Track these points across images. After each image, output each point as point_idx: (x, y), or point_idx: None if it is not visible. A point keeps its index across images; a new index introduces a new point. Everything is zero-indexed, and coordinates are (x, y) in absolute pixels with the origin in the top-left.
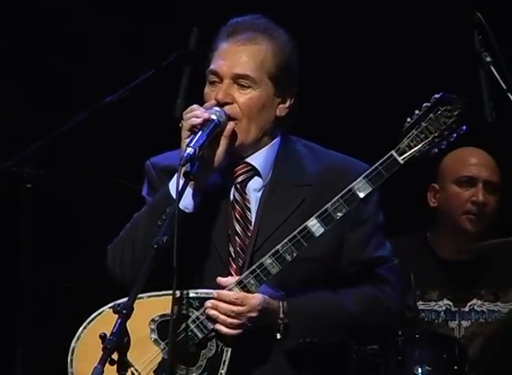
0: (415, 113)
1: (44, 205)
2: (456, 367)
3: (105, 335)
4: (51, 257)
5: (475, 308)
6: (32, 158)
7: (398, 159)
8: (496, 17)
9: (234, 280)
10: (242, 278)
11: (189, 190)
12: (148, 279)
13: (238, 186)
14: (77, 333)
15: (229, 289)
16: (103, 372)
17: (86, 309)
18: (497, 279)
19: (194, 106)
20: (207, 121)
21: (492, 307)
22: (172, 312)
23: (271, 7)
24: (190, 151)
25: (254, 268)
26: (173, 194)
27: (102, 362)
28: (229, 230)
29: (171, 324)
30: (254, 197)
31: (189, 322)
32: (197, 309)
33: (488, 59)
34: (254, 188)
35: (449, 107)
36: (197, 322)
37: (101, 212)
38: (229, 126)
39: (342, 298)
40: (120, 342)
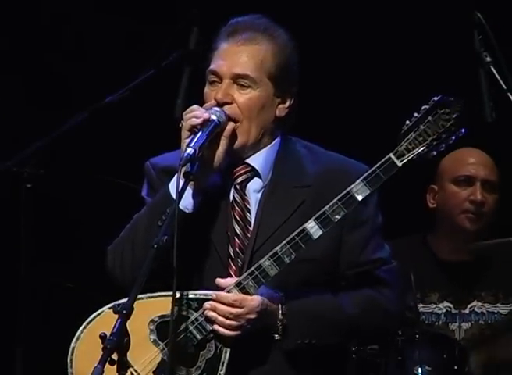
0: (414, 116)
1: (44, 205)
2: (456, 367)
3: (105, 335)
4: (51, 257)
5: (475, 309)
6: (32, 158)
7: (396, 162)
8: (496, 17)
9: (233, 282)
10: (240, 280)
11: (189, 190)
12: (148, 279)
13: (238, 187)
14: (77, 334)
15: (228, 291)
16: (103, 372)
17: (86, 309)
18: (497, 280)
19: (194, 106)
20: (207, 121)
21: (491, 308)
22: (172, 313)
23: (271, 7)
24: (190, 151)
25: (253, 270)
26: (173, 194)
27: (102, 362)
28: (228, 231)
29: (171, 325)
30: (254, 198)
31: (188, 323)
32: (195, 310)
33: (488, 59)
34: (254, 189)
35: (447, 110)
36: (196, 323)
37: (101, 212)
38: (229, 127)
39: (340, 299)
40: (120, 342)
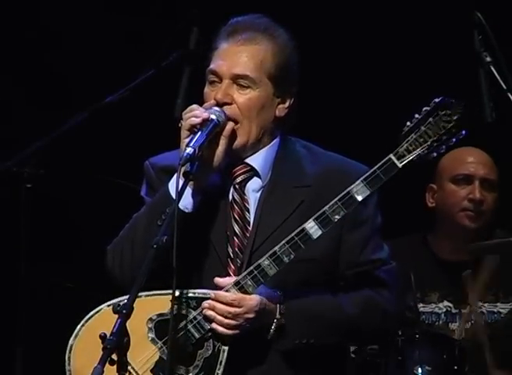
0: (415, 117)
1: (44, 205)
2: (456, 367)
3: (105, 335)
4: (51, 257)
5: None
6: (32, 158)
7: (396, 163)
8: (496, 17)
9: (231, 281)
10: (239, 279)
11: (188, 190)
12: (148, 279)
13: (237, 186)
14: (75, 331)
15: (227, 290)
16: (103, 372)
17: (86, 309)
18: (497, 279)
19: (194, 106)
20: (206, 121)
21: (491, 308)
22: (172, 312)
23: (271, 7)
24: (189, 151)
25: (252, 269)
26: (172, 194)
27: (102, 362)
28: (227, 231)
29: (171, 324)
30: (253, 197)
31: (186, 322)
32: (194, 309)
33: (488, 59)
34: (253, 189)
35: (448, 111)
36: (195, 322)
37: (101, 212)
38: (229, 126)
39: (339, 299)
40: (120, 342)
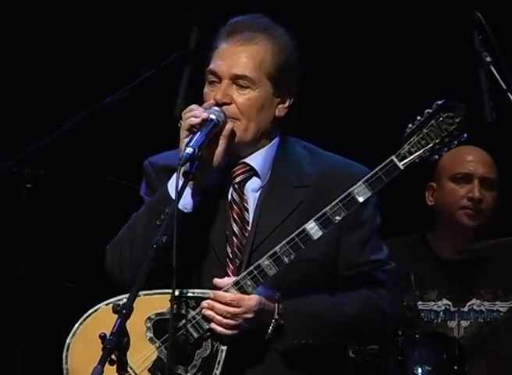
0: (417, 119)
1: (44, 205)
2: (456, 367)
3: (105, 335)
4: (51, 257)
5: (474, 307)
6: (32, 158)
7: (398, 165)
8: (496, 17)
9: (231, 282)
10: (239, 279)
11: (188, 190)
12: (147, 279)
13: (236, 186)
14: (73, 330)
15: (226, 290)
16: (103, 372)
17: (86, 309)
18: (496, 278)
19: (193, 106)
20: (206, 121)
21: (491, 307)
22: (172, 312)
23: (271, 7)
24: (189, 150)
25: (252, 269)
26: (172, 193)
27: (102, 362)
28: (226, 231)
29: (170, 324)
30: (252, 197)
31: (185, 321)
32: (193, 309)
33: (488, 59)
34: (252, 189)
35: (451, 114)
36: (193, 321)
37: (101, 212)
38: (228, 126)
39: (338, 300)
40: (120, 342)
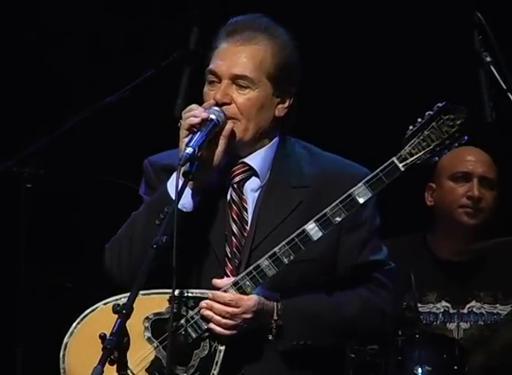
0: (418, 121)
1: (44, 205)
2: (456, 367)
3: (105, 335)
4: (51, 257)
5: (474, 310)
6: (32, 158)
7: (399, 166)
8: (496, 17)
9: (230, 282)
10: (238, 279)
11: (187, 189)
12: (147, 279)
13: (235, 186)
14: (70, 329)
15: (225, 290)
16: (103, 372)
17: (86, 309)
18: (496, 280)
19: (193, 106)
20: (205, 121)
21: (491, 309)
22: (172, 312)
23: (271, 7)
24: (189, 150)
25: (251, 269)
26: (171, 193)
27: (102, 362)
28: (225, 230)
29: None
30: (252, 197)
31: (183, 321)
32: (191, 309)
33: (488, 59)
34: (252, 188)
35: (451, 116)
36: (192, 321)
37: (101, 212)
38: (228, 126)
39: (337, 300)
40: (120, 342)
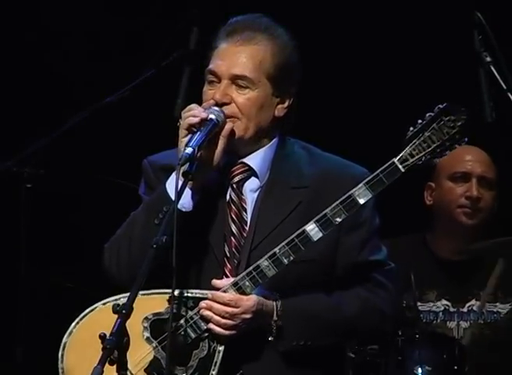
0: (418, 122)
1: (44, 205)
2: (456, 367)
3: (105, 335)
4: (51, 257)
5: (474, 308)
6: (32, 158)
7: (399, 167)
8: (496, 17)
9: (229, 282)
10: (237, 280)
11: (187, 189)
12: (147, 279)
13: (234, 186)
14: (69, 329)
15: (225, 290)
16: (103, 372)
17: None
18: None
19: (193, 105)
20: (205, 120)
21: (491, 308)
22: (172, 312)
23: (271, 7)
24: (189, 150)
25: (251, 270)
26: (170, 193)
27: (102, 362)
28: (224, 230)
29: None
30: (251, 197)
31: (182, 321)
32: (191, 309)
33: (488, 59)
34: (251, 189)
35: (452, 117)
36: (191, 322)
37: (101, 212)
38: (228, 126)
39: (337, 300)
40: (120, 342)
